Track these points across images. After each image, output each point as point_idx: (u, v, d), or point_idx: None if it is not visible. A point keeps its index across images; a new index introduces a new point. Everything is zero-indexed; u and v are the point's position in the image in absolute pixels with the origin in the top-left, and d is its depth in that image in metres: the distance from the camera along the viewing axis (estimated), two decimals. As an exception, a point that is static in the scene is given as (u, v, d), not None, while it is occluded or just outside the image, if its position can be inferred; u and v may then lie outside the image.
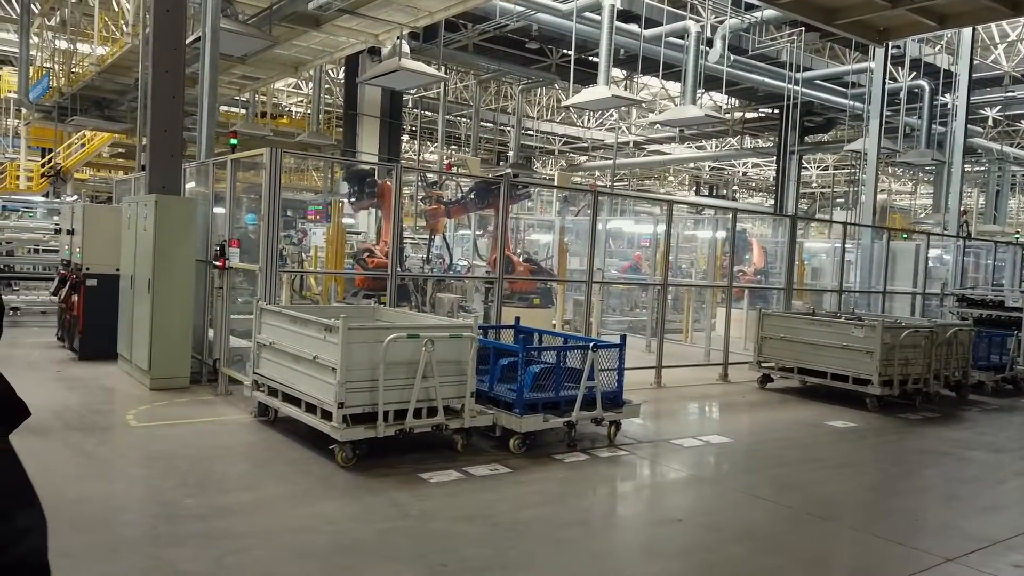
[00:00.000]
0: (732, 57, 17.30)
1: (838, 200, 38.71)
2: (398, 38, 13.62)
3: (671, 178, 43.36)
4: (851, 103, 20.27)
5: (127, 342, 7.76)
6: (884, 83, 16.20)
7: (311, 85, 25.10)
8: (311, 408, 5.45)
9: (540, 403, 5.78)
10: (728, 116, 24.27)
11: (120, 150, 28.82)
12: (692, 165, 37.58)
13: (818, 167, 38.29)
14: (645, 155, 33.81)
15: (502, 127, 28.48)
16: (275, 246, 6.45)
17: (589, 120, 32.08)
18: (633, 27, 16.09)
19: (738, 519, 4.55)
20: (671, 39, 16.29)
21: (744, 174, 40.89)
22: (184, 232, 7.19)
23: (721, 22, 16.80)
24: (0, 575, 0.67)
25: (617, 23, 14.46)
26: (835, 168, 37.96)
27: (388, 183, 10.18)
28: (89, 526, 3.85)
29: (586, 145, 33.27)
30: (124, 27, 14.72)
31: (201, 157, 8.09)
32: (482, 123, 25.73)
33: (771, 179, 39.06)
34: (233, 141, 8.22)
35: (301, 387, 5.56)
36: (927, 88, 20.38)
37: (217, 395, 7.08)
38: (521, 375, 5.67)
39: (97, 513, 4.06)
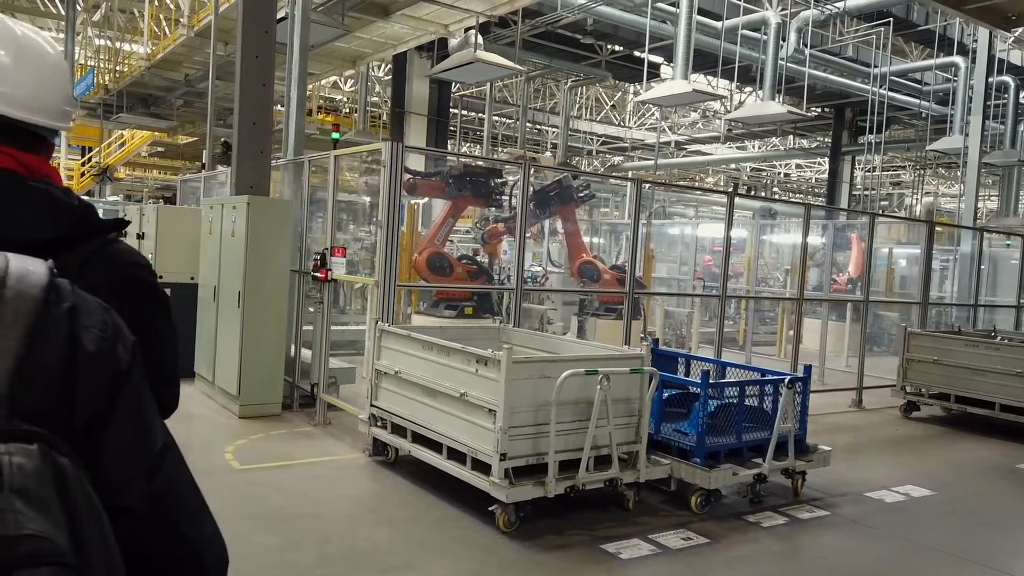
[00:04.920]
0: (807, 52, 16.21)
1: (882, 203, 37.31)
2: (466, 29, 12.83)
3: (709, 179, 42.14)
4: (924, 102, 19.06)
5: (207, 360, 6.90)
6: (986, 77, 14.99)
7: (349, 83, 24.32)
8: (455, 455, 4.53)
9: (721, 451, 4.81)
10: (811, 113, 23.08)
11: (159, 149, 28.30)
12: (734, 166, 36.35)
13: (863, 169, 36.85)
14: (685, 155, 32.69)
15: (540, 126, 27.47)
16: (395, 255, 5.55)
17: (630, 119, 31.03)
18: (704, 19, 15.03)
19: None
20: (745, 32, 15.26)
21: (786, 175, 39.56)
22: (279, 238, 6.32)
23: (794, 14, 15.71)
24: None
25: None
26: (882, 170, 36.51)
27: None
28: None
29: (626, 145, 32.24)
30: (178, 20, 13.97)
31: (289, 154, 7.22)
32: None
33: (812, 180, 37.72)
34: (335, 135, 7.35)
35: (440, 428, 4.65)
36: (1012, 84, 19.09)
37: (315, 425, 6.20)
38: (703, 418, 4.70)
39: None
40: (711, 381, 4.92)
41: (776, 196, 40.73)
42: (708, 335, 13.93)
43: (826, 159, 28.57)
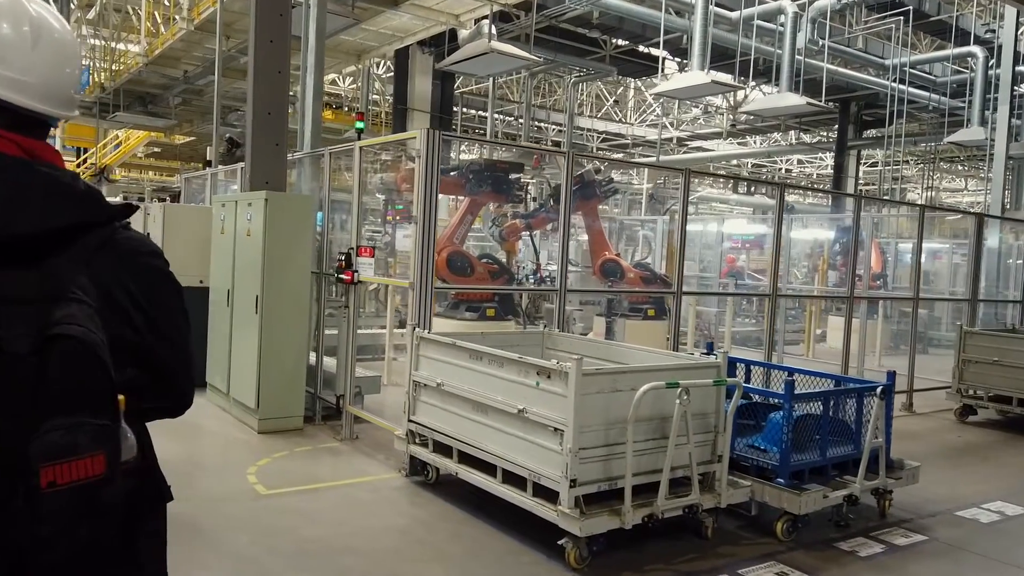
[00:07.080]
0: (823, 43, 15.73)
1: (885, 197, 37.00)
2: (476, 20, 12.38)
3: (709, 177, 41.57)
4: (934, 95, 18.69)
5: (221, 370, 6.38)
6: (1014, 63, 14.56)
7: (347, 80, 23.79)
8: (510, 478, 4.03)
9: (805, 469, 4.31)
10: (830, 105, 22.64)
11: (155, 149, 27.70)
12: (735, 162, 35.90)
13: (864, 163, 36.48)
14: (686, 151, 32.23)
15: (539, 123, 26.97)
16: (431, 254, 5.04)
17: (631, 115, 30.54)
18: (717, 9, 14.52)
19: None
20: (760, 23, 14.81)
21: (787, 171, 39.14)
22: (300, 238, 5.80)
23: (810, 2, 15.25)
24: None
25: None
26: (889, 163, 36.18)
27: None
28: None
29: (627, 142, 31.78)
30: (175, 17, 13.40)
31: (306, 147, 6.71)
32: (522, 118, 24.27)
33: (813, 176, 37.40)
34: (359, 124, 6.84)
35: (493, 448, 4.14)
36: (1029, 75, 18.62)
37: (341, 440, 5.68)
38: (787, 433, 4.20)
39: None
40: (796, 392, 4.40)
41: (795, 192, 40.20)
42: (733, 335, 13.45)
43: (828, 154, 28.19)
